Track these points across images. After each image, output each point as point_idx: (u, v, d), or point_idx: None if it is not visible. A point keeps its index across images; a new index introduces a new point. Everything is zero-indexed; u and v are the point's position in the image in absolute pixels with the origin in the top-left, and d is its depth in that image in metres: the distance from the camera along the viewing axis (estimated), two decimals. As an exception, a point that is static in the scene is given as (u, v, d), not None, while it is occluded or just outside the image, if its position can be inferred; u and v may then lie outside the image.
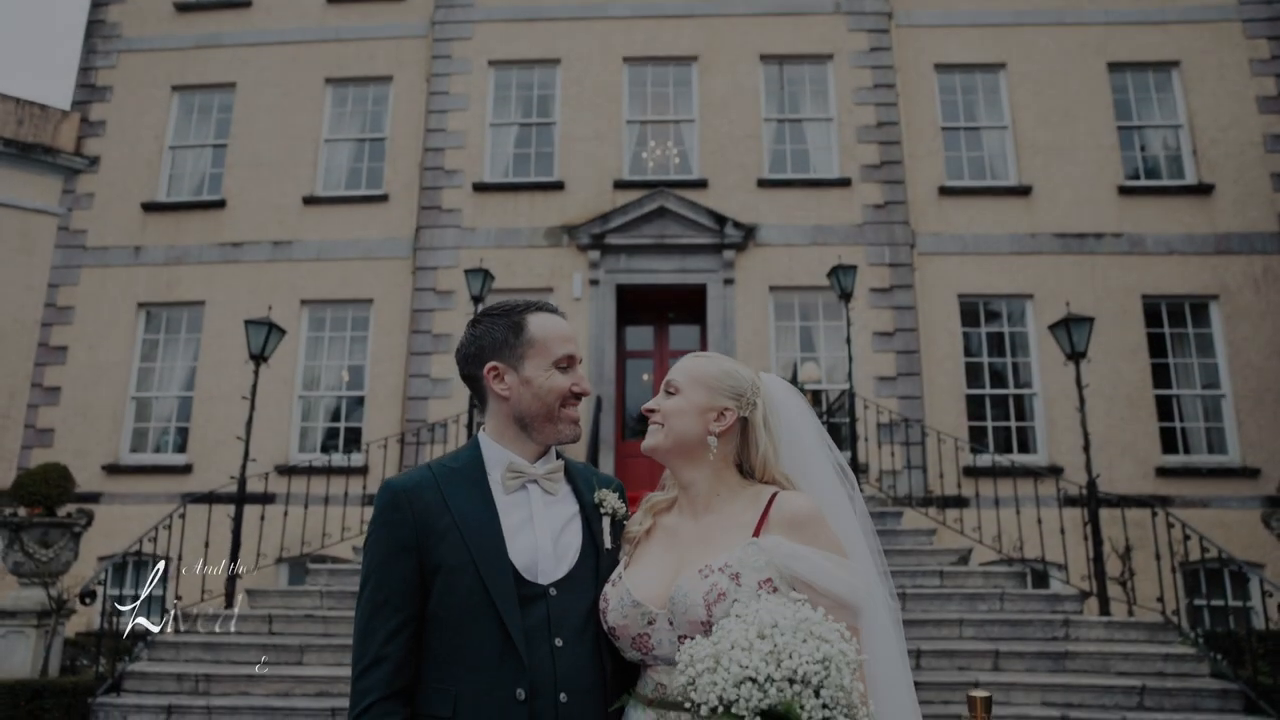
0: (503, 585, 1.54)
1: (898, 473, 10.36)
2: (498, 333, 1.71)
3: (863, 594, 1.54)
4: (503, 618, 1.51)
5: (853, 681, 1.32)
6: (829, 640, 1.32)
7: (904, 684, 1.62)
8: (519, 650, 1.50)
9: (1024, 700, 6.63)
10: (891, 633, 1.62)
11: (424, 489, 1.61)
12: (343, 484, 10.05)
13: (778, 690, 1.27)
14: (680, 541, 1.66)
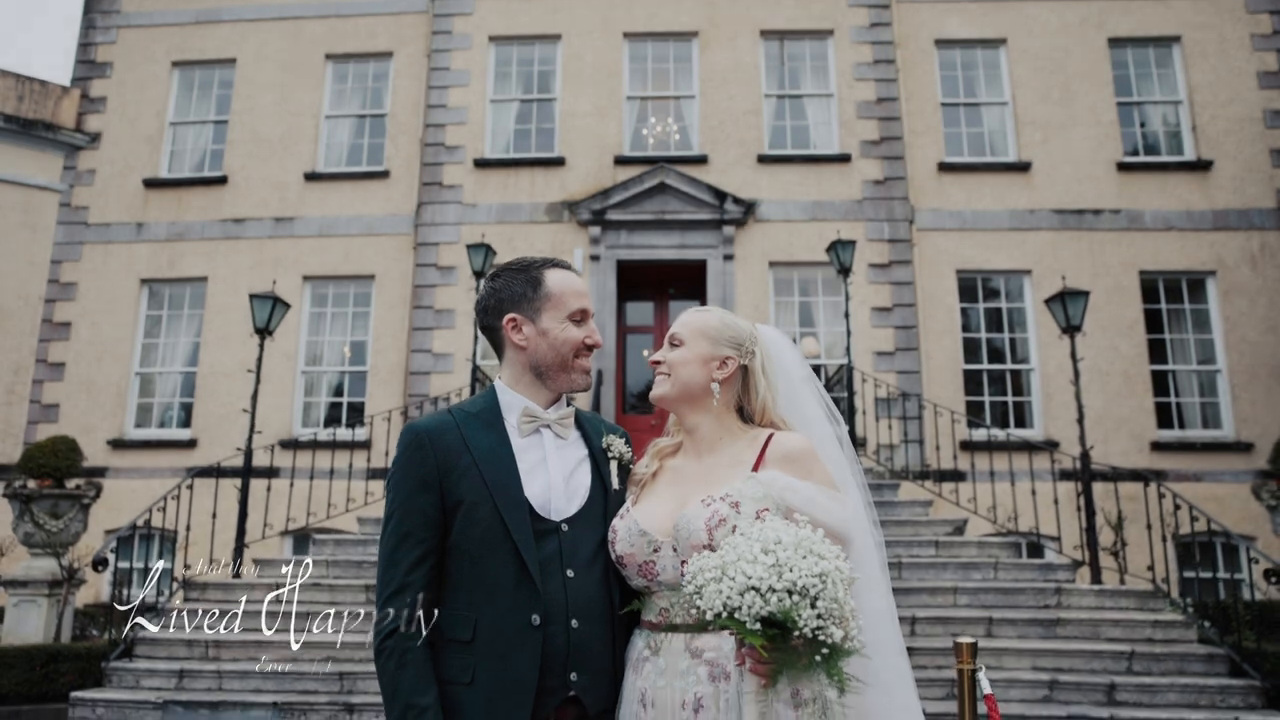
0: (519, 520, 1.64)
1: (895, 446, 10.49)
2: (517, 287, 1.81)
3: (852, 524, 1.65)
4: (519, 549, 1.62)
5: (845, 595, 1.42)
6: (826, 558, 1.42)
7: (886, 608, 1.73)
8: (534, 580, 1.61)
9: (1015, 665, 6.78)
10: (875, 559, 1.73)
11: (445, 431, 1.72)
12: (345, 458, 10.15)
13: (778, 600, 1.37)
14: (684, 480, 1.77)
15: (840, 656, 1.42)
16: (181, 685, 7.02)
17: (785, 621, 1.37)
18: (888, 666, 1.69)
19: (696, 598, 1.44)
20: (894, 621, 1.74)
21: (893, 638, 1.72)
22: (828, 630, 1.38)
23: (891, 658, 1.70)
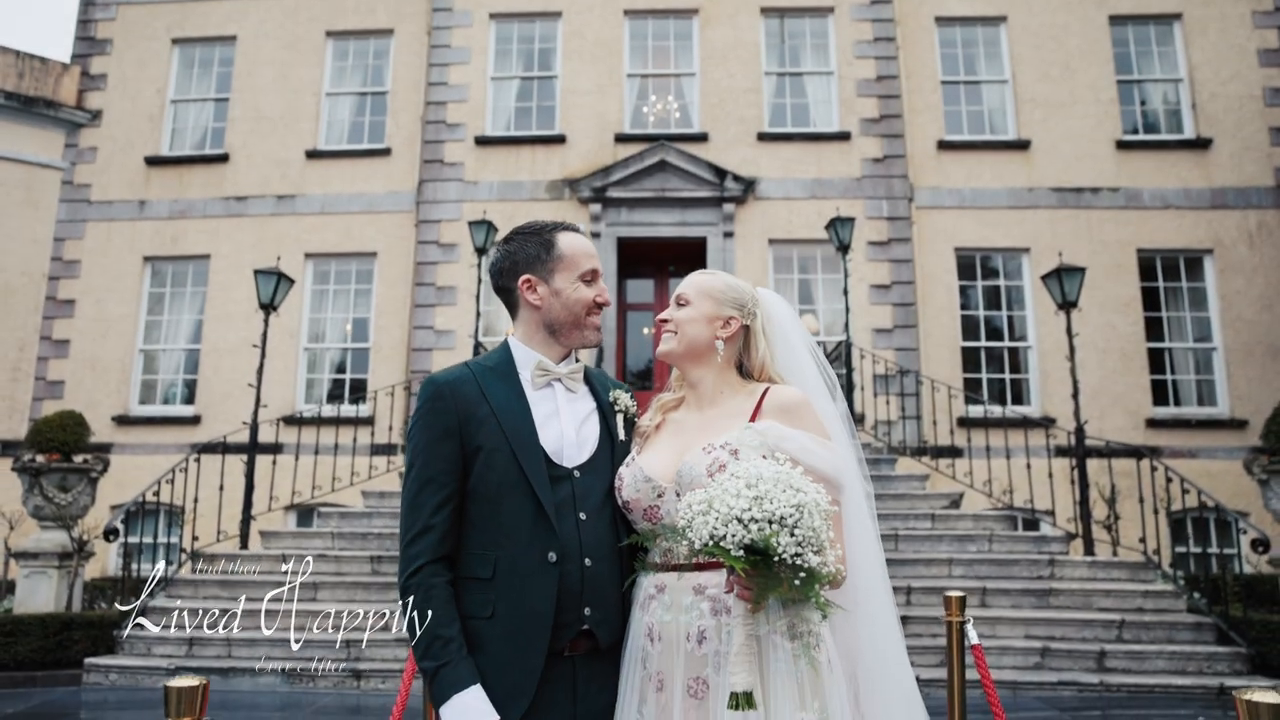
0: (535, 465, 1.75)
1: (893, 422, 10.60)
2: (530, 249, 1.91)
3: (843, 470, 1.76)
4: (536, 492, 1.73)
5: (823, 524, 1.53)
6: (803, 490, 1.53)
7: (875, 553, 1.85)
8: (551, 520, 1.72)
9: (1008, 634, 6.94)
10: (865, 507, 1.84)
11: (464, 383, 1.82)
12: (348, 434, 10.22)
13: (758, 529, 1.48)
14: (686, 431, 1.88)
15: (817, 580, 1.53)
16: (191, 653, 7.18)
17: (765, 548, 1.48)
18: (876, 603, 1.82)
19: (688, 530, 1.55)
20: (882, 565, 1.85)
21: (880, 579, 1.84)
22: (805, 556, 1.49)
23: (879, 595, 1.82)
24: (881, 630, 1.80)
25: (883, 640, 1.81)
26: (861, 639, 1.78)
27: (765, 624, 1.65)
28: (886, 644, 1.82)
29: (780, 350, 1.95)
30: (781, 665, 1.64)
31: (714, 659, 1.67)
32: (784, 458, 1.63)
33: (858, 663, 1.77)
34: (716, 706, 1.64)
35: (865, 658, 1.77)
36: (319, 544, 8.46)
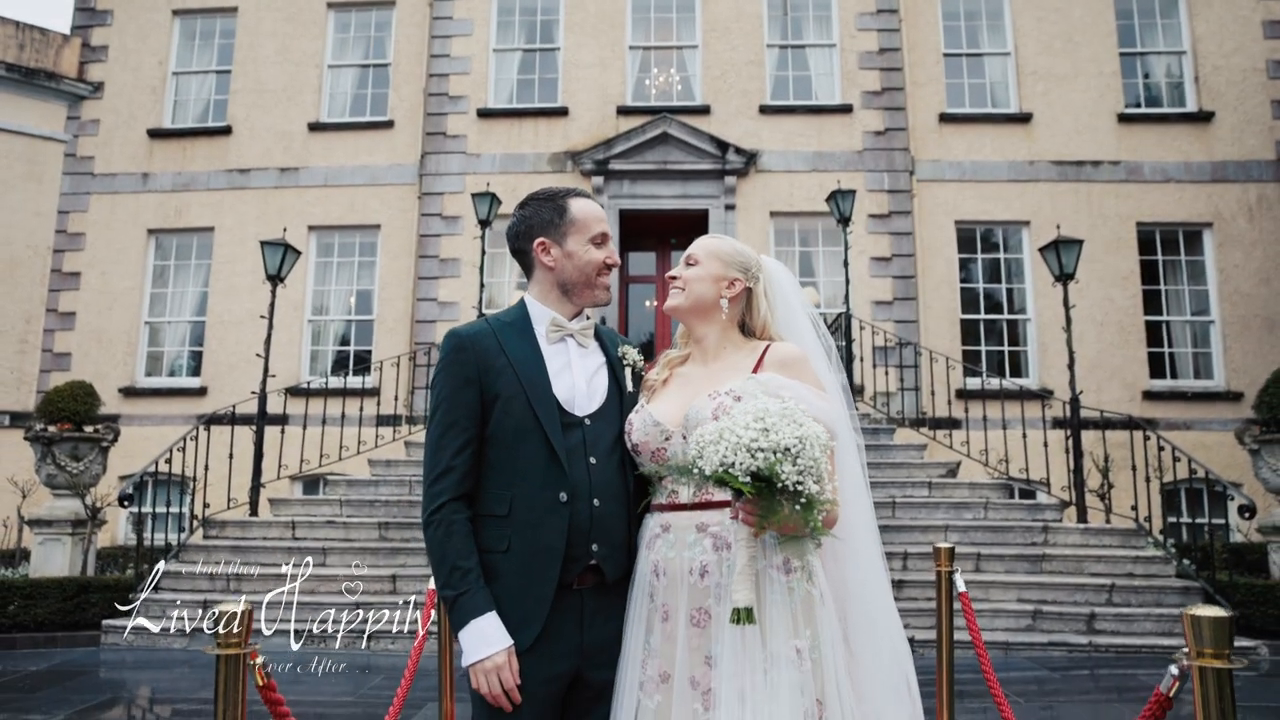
0: (549, 412, 1.88)
1: (892, 394, 10.72)
2: (545, 214, 2.03)
3: (836, 419, 1.89)
4: (549, 438, 1.86)
5: (823, 456, 1.66)
6: (805, 425, 1.66)
7: (863, 499, 1.98)
8: (562, 463, 1.85)
9: (1001, 597, 7.12)
10: (855, 457, 1.98)
11: (483, 336, 1.95)
12: (353, 405, 10.36)
13: (764, 457, 1.61)
14: (692, 381, 2.01)
15: (816, 506, 1.65)
16: (206, 615, 7.35)
17: (770, 476, 1.61)
18: (862, 544, 1.96)
19: (699, 459, 1.67)
20: (870, 511, 1.99)
21: (867, 523, 1.98)
22: (805, 484, 1.62)
23: (865, 538, 1.96)
24: (866, 568, 1.94)
25: (868, 577, 1.95)
26: (849, 577, 1.92)
27: (763, 559, 1.78)
28: (872, 581, 1.96)
29: (781, 312, 2.08)
30: (777, 596, 1.77)
31: (715, 591, 1.80)
32: (792, 400, 1.75)
33: (846, 600, 1.90)
34: (717, 633, 1.78)
35: (852, 593, 1.91)
36: (327, 511, 8.62)
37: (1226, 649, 1.39)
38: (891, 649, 1.91)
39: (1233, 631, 1.41)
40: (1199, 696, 1.39)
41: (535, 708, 1.78)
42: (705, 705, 1.75)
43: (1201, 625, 1.40)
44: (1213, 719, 1.37)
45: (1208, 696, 1.38)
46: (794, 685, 1.72)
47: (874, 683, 1.85)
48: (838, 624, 1.86)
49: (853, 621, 1.90)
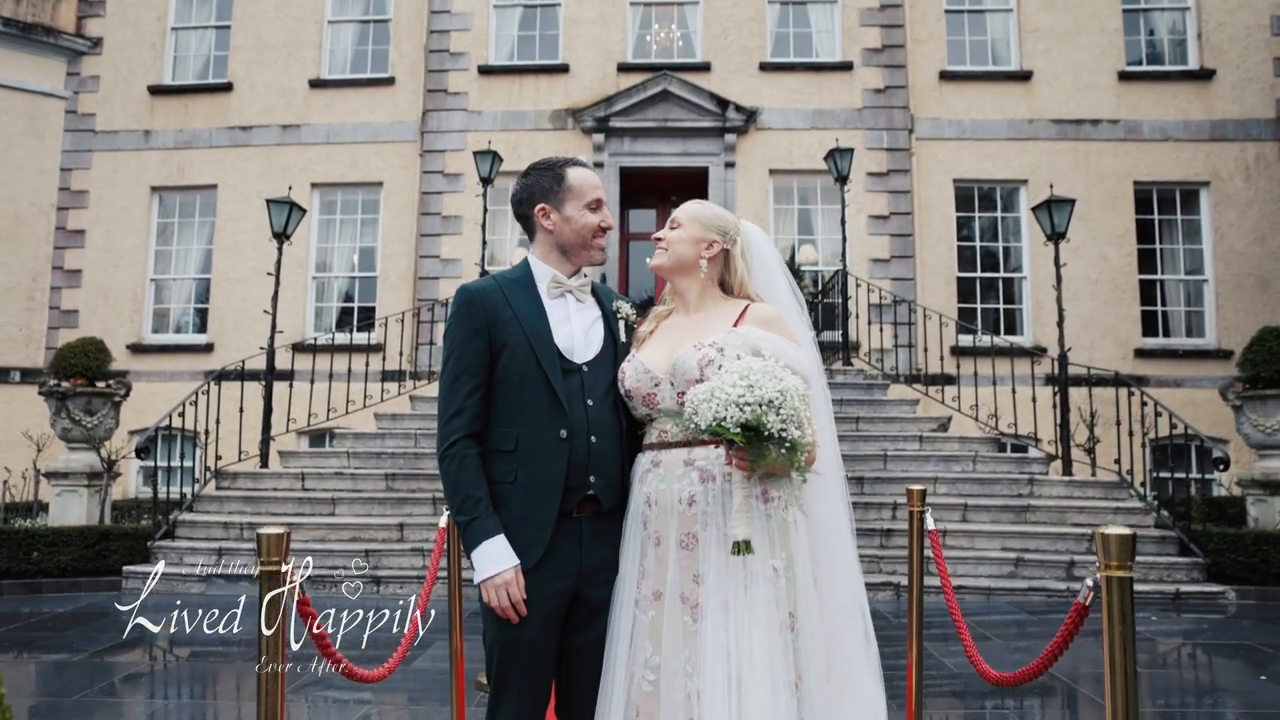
0: (550, 360, 2.09)
1: (887, 350, 10.91)
2: (545, 182, 2.22)
3: (809, 369, 2.09)
4: (550, 382, 2.06)
5: (802, 405, 1.87)
6: (785, 379, 1.87)
7: (830, 439, 2.21)
8: (563, 405, 2.06)
9: (986, 546, 7.39)
10: (824, 401, 2.20)
11: (491, 291, 2.16)
12: (358, 360, 10.44)
13: (751, 410, 1.82)
14: (677, 331, 2.22)
15: (799, 449, 1.87)
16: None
17: (758, 426, 1.82)
18: (830, 482, 2.19)
19: (695, 415, 1.89)
20: (836, 449, 2.22)
21: (833, 459, 2.21)
22: (788, 430, 1.83)
23: (832, 473, 2.20)
24: (833, 504, 2.19)
25: (834, 513, 2.21)
26: (817, 511, 2.15)
27: (751, 489, 2.00)
28: (837, 517, 2.21)
29: (758, 271, 2.29)
30: (757, 522, 1.99)
31: (702, 518, 2.02)
32: (767, 354, 1.96)
33: (814, 531, 2.12)
34: (704, 555, 2.00)
35: (818, 526, 2.13)
36: (335, 463, 8.88)
37: (1129, 561, 1.62)
38: (849, 576, 2.15)
39: (1133, 548, 1.64)
40: (1105, 600, 1.61)
41: (539, 620, 2.00)
42: (694, 617, 1.98)
43: (1109, 542, 1.63)
44: (1115, 616, 1.60)
45: (1112, 599, 1.61)
46: (770, 599, 1.95)
47: (835, 604, 2.09)
48: (813, 549, 2.08)
49: (818, 550, 2.12)
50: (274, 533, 1.91)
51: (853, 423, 8.97)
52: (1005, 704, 4.41)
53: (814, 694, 2.00)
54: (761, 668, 1.91)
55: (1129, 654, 1.61)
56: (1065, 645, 1.95)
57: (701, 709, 1.91)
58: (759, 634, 1.93)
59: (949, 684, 4.76)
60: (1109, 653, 1.62)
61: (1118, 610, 1.60)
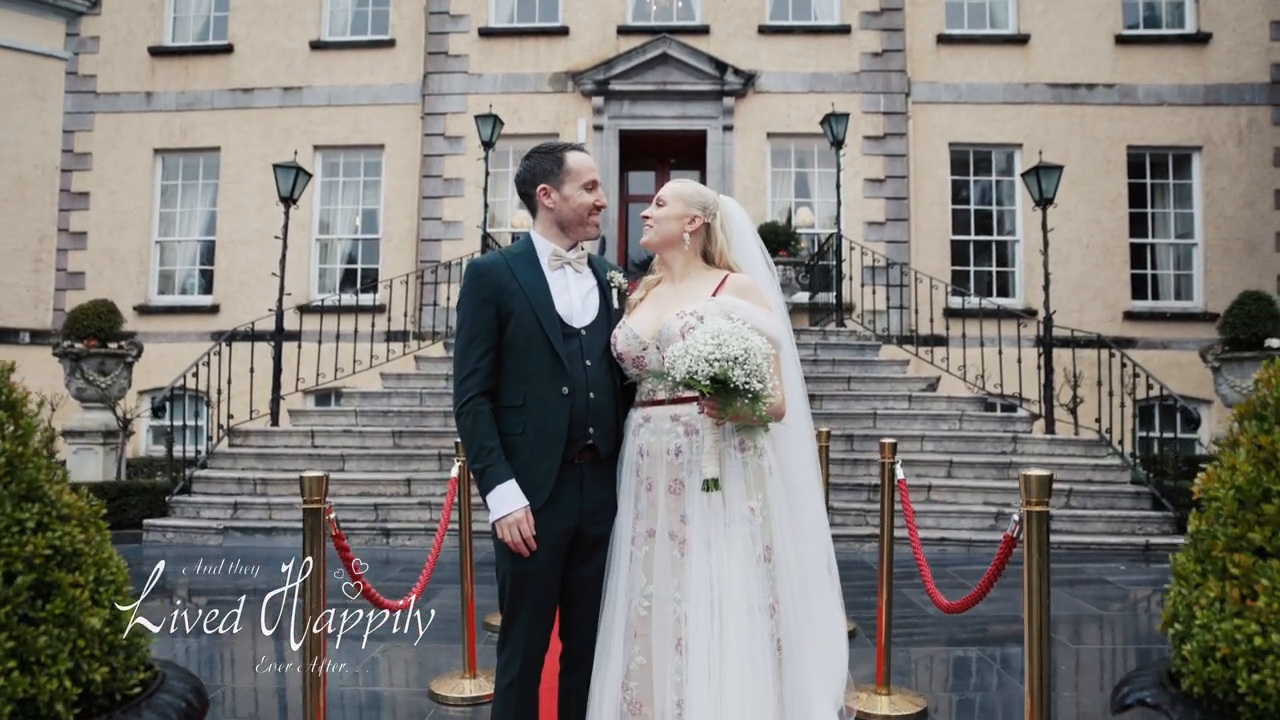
0: (552, 325, 2.34)
1: (880, 312, 11.14)
2: (546, 165, 2.47)
3: (780, 332, 2.35)
4: (553, 345, 2.32)
5: (764, 362, 2.12)
6: (750, 339, 2.12)
7: (800, 396, 2.48)
8: (564, 365, 2.32)
9: (969, 500, 7.71)
10: (794, 362, 2.47)
11: (498, 265, 2.41)
12: (363, 321, 10.63)
13: (720, 365, 2.08)
14: (663, 299, 2.48)
15: (761, 400, 2.14)
16: (237, 516, 7.99)
17: (725, 378, 2.09)
18: (799, 434, 2.47)
19: (672, 369, 2.16)
20: (805, 405, 2.49)
21: (803, 414, 2.49)
22: (751, 384, 2.10)
23: (801, 428, 2.48)
24: (802, 454, 2.48)
25: (803, 462, 2.49)
26: (787, 458, 2.42)
27: (724, 440, 2.27)
28: (805, 465, 2.50)
29: (736, 243, 2.54)
30: (734, 468, 2.27)
31: (687, 466, 2.29)
32: (737, 319, 2.21)
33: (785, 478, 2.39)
34: (689, 498, 2.28)
35: (789, 472, 2.41)
36: (344, 421, 9.17)
37: (1046, 498, 1.91)
38: (814, 514, 2.44)
39: (1049, 487, 1.92)
40: (1026, 530, 1.89)
41: (546, 554, 2.28)
42: (681, 552, 2.26)
43: (1030, 482, 1.90)
44: (1033, 543, 1.88)
45: (1030, 529, 1.89)
46: (747, 535, 2.23)
47: (803, 536, 2.37)
48: (785, 492, 2.36)
49: (789, 492, 2.40)
50: (314, 475, 2.19)
51: (844, 382, 9.24)
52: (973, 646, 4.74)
53: (789, 617, 2.29)
54: (739, 594, 2.20)
55: (1044, 574, 1.90)
56: (998, 572, 2.23)
57: (688, 629, 2.21)
58: (737, 565, 2.21)
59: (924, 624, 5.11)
60: (1027, 572, 1.91)
61: (1036, 538, 1.89)
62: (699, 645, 2.18)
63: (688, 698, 2.18)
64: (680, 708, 2.19)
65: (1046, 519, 1.91)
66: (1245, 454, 1.24)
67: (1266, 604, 1.09)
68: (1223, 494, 1.23)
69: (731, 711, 2.17)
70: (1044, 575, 1.90)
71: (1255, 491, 1.18)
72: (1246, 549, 1.17)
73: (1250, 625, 1.10)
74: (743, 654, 2.18)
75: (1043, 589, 1.90)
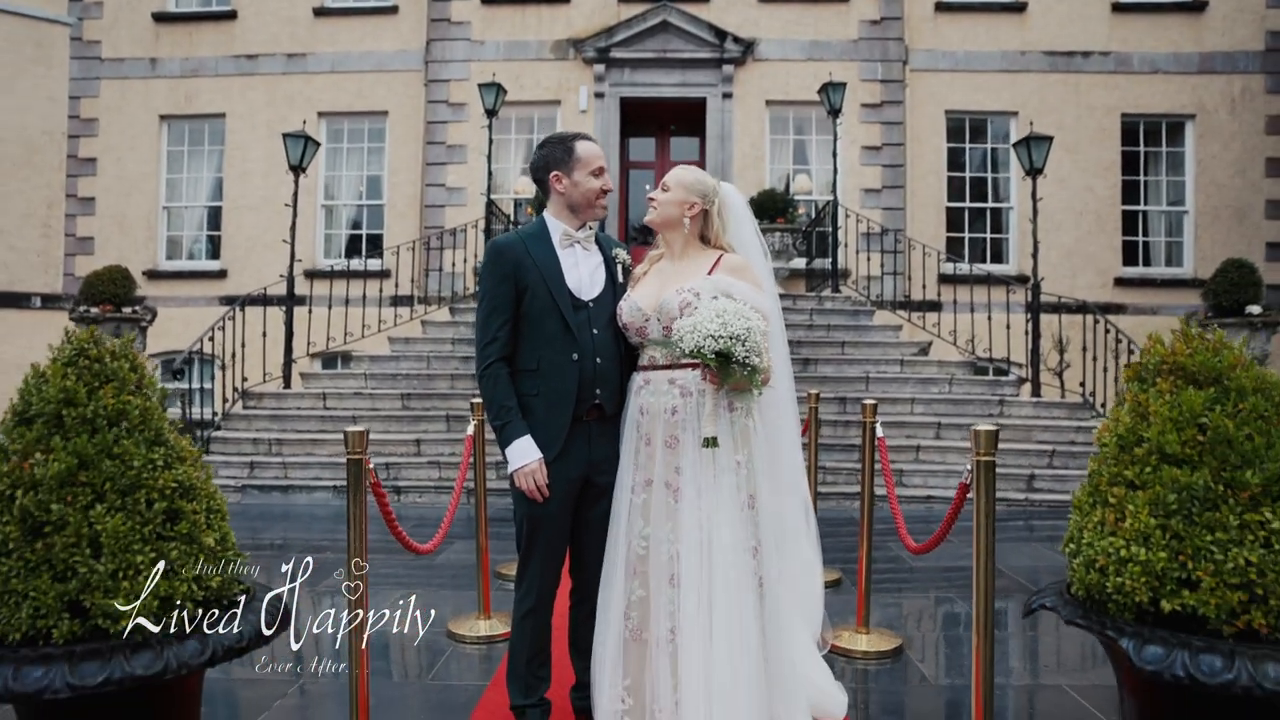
0: (563, 297, 2.62)
1: (875, 278, 11.40)
2: (558, 152, 2.73)
3: (770, 308, 2.65)
4: (564, 315, 2.60)
5: (761, 339, 2.42)
6: (750, 319, 2.40)
7: (784, 362, 2.79)
8: (574, 333, 2.60)
9: (956, 460, 8.04)
10: (780, 333, 2.77)
11: (515, 244, 2.69)
12: (371, 286, 10.85)
13: (724, 341, 2.36)
14: (663, 275, 2.75)
15: (758, 372, 2.43)
16: (254, 475, 8.33)
17: (728, 353, 2.37)
18: (783, 397, 2.80)
19: (680, 342, 2.44)
20: (789, 375, 2.81)
21: (786, 377, 2.79)
22: (750, 358, 2.38)
23: (785, 393, 2.78)
24: (784, 414, 2.82)
25: (785, 422, 2.83)
26: (771, 418, 2.74)
27: (721, 399, 2.57)
28: (786, 425, 2.84)
29: (733, 227, 2.82)
30: (724, 427, 2.56)
31: (681, 424, 2.59)
32: (737, 296, 2.50)
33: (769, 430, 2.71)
34: (683, 451, 2.58)
35: (772, 431, 2.72)
36: (354, 384, 9.47)
37: (993, 450, 2.20)
38: (793, 467, 2.77)
39: (996, 440, 2.21)
40: (975, 477, 2.20)
41: (558, 499, 2.60)
42: (675, 499, 2.57)
43: (979, 436, 2.20)
44: (982, 489, 2.19)
45: (979, 477, 2.19)
46: (734, 486, 2.54)
47: (782, 486, 2.70)
48: (767, 449, 2.67)
49: (771, 447, 2.72)
50: (357, 430, 2.49)
51: (838, 347, 9.53)
52: (950, 591, 5.10)
53: (770, 558, 2.62)
54: (726, 535, 2.52)
55: (991, 515, 2.21)
56: (956, 514, 2.54)
57: (680, 566, 2.53)
58: (724, 511, 2.53)
59: (906, 574, 5.47)
60: (976, 514, 2.21)
61: (984, 484, 2.19)
62: (690, 580, 2.50)
63: (680, 625, 2.50)
64: (673, 634, 2.51)
65: (993, 468, 2.22)
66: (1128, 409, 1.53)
67: (1131, 524, 1.39)
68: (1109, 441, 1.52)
69: (719, 638, 2.49)
70: (990, 516, 2.21)
71: (1131, 438, 1.48)
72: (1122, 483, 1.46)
73: (1119, 541, 1.41)
74: (729, 588, 2.51)
75: (989, 528, 2.21)
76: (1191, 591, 1.35)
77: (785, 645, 2.71)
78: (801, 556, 2.77)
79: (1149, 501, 1.41)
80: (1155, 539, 1.38)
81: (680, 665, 2.47)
